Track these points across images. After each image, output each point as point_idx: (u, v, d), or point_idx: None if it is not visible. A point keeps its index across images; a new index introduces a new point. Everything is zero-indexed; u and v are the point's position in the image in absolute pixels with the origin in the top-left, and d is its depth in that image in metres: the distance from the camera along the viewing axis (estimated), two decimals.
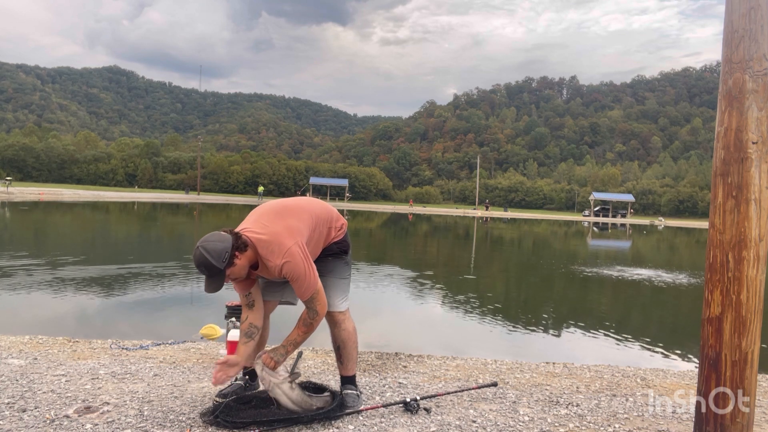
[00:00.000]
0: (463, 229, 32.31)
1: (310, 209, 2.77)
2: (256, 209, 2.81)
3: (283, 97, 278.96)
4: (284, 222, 2.63)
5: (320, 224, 2.76)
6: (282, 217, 2.66)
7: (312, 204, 2.84)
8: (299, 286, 2.56)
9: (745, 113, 2.21)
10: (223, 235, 2.53)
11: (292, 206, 2.77)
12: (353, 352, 2.89)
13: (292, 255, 2.50)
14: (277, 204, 2.81)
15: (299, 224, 2.64)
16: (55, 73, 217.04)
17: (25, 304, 6.50)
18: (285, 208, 2.76)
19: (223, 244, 2.47)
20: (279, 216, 2.68)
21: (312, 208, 2.79)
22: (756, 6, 2.20)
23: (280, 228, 2.58)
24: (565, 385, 3.57)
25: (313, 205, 2.83)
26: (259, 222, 2.65)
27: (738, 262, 2.21)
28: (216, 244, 2.47)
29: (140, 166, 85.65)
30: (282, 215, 2.68)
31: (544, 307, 8.55)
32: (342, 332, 2.83)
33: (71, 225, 20.92)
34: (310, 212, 2.74)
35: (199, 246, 2.49)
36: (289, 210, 2.74)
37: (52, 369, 3.37)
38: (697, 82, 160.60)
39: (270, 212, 2.72)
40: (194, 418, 2.64)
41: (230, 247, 2.47)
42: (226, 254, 2.45)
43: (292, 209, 2.74)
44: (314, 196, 79.55)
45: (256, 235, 2.56)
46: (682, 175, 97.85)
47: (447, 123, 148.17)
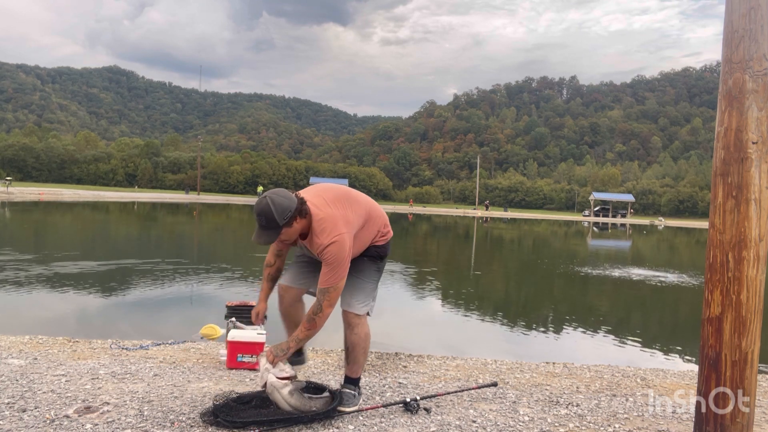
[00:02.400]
0: (463, 229, 32.31)
1: (368, 207, 2.80)
2: (318, 185, 2.82)
3: (283, 97, 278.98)
4: (344, 210, 2.66)
5: (371, 225, 2.79)
6: (343, 205, 2.69)
7: (369, 203, 2.86)
8: (328, 272, 2.57)
9: (745, 113, 2.21)
10: (292, 195, 2.56)
11: (354, 197, 2.79)
12: (360, 358, 2.87)
13: (341, 241, 2.54)
14: (339, 189, 2.81)
15: (355, 217, 2.68)
16: (55, 73, 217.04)
17: (25, 304, 6.50)
18: (348, 196, 2.77)
19: (289, 203, 2.51)
20: (340, 202, 2.70)
21: (369, 206, 2.82)
22: (756, 6, 2.19)
23: (339, 213, 2.62)
24: (565, 385, 3.57)
25: (370, 205, 2.85)
26: (321, 198, 2.67)
27: (738, 262, 2.21)
28: (283, 200, 2.51)
29: (140, 166, 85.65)
30: (343, 202, 2.71)
31: (544, 307, 8.55)
32: (353, 335, 2.82)
33: (71, 225, 20.92)
34: (366, 209, 2.77)
35: (267, 196, 2.52)
36: (351, 200, 2.75)
37: (52, 369, 3.37)
38: (697, 82, 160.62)
39: (333, 194, 2.74)
40: (194, 418, 2.64)
41: (294, 209, 2.50)
42: (289, 213, 2.49)
43: (354, 201, 2.76)
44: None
45: (317, 209, 2.60)
46: (682, 175, 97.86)
47: (447, 123, 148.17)
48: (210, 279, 8.78)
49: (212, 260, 11.99)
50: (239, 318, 3.90)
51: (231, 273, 9.87)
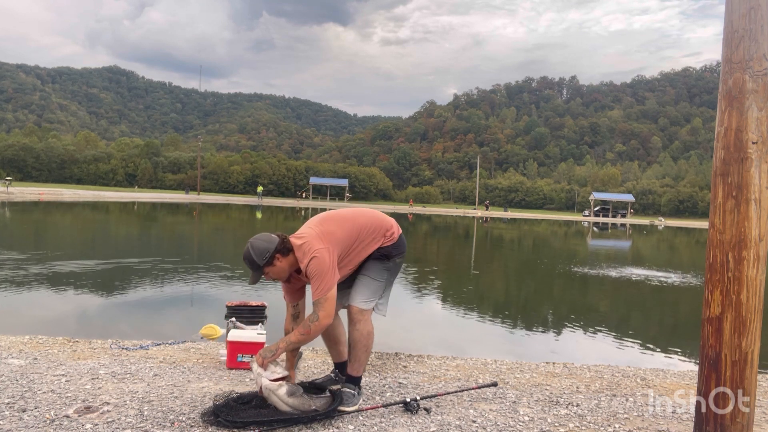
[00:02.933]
0: (463, 229, 32.32)
1: (356, 220, 2.90)
2: (313, 217, 2.96)
3: (283, 97, 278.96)
4: (322, 227, 2.81)
5: (365, 235, 2.88)
6: (322, 223, 2.85)
7: (361, 215, 2.96)
8: (315, 284, 2.69)
9: (745, 113, 2.21)
10: (272, 237, 2.76)
11: (340, 215, 2.94)
12: (362, 356, 2.90)
13: (319, 256, 2.67)
14: (329, 212, 2.99)
15: (337, 231, 2.80)
16: (55, 73, 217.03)
17: (25, 304, 6.50)
18: (331, 215, 2.94)
19: (267, 245, 2.72)
20: (321, 221, 2.87)
21: (359, 219, 2.92)
22: (756, 6, 2.19)
23: (315, 231, 2.77)
24: (565, 385, 3.57)
25: (360, 218, 2.94)
26: (305, 227, 2.85)
27: (738, 262, 2.21)
28: (261, 243, 2.72)
29: (140, 166, 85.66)
30: (324, 221, 2.87)
31: (544, 307, 8.55)
32: (355, 332, 2.87)
33: (71, 225, 20.93)
34: (354, 222, 2.88)
35: (249, 242, 2.75)
36: (333, 217, 2.91)
37: (52, 369, 3.37)
38: (697, 82, 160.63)
39: (317, 218, 2.92)
40: (194, 418, 2.64)
41: (273, 249, 2.71)
42: (268, 254, 2.69)
43: (337, 218, 2.91)
44: (314, 197, 79.81)
45: (297, 239, 2.77)
46: (682, 175, 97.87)
47: (447, 123, 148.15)
48: (210, 279, 8.79)
49: (212, 260, 12.00)
50: (239, 318, 3.90)
51: (231, 273, 9.87)
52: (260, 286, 8.61)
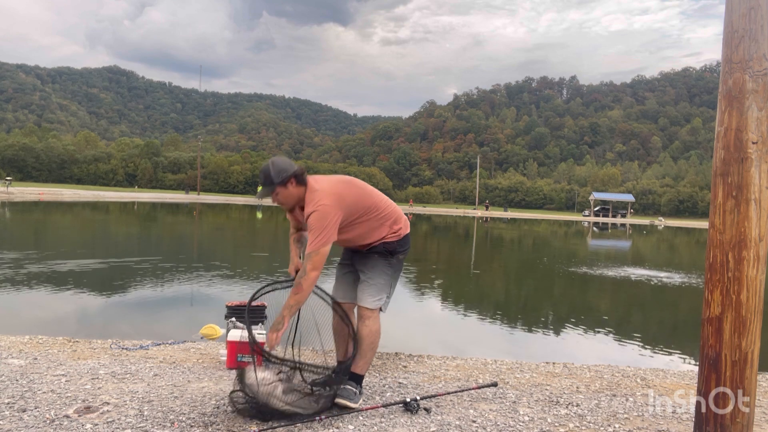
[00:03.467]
0: (463, 229, 32.32)
1: (371, 197, 2.93)
2: (338, 175, 3.00)
3: (283, 97, 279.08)
4: (338, 187, 2.82)
5: (374, 215, 2.90)
6: (340, 183, 2.87)
7: (378, 196, 2.99)
8: (311, 237, 2.73)
9: (745, 113, 2.21)
10: (294, 163, 2.82)
11: (360, 186, 2.95)
12: (368, 353, 2.95)
13: (322, 210, 2.69)
14: (353, 178, 3.02)
15: (349, 197, 2.81)
16: (55, 73, 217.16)
17: (25, 304, 6.50)
18: (352, 182, 2.96)
19: (287, 166, 2.78)
20: (340, 182, 2.88)
21: (374, 197, 2.95)
22: (756, 6, 2.19)
23: (331, 188, 2.79)
24: (565, 385, 3.57)
25: (376, 197, 2.97)
26: (326, 179, 2.88)
27: (738, 262, 2.21)
28: (282, 163, 2.80)
29: (140, 166, 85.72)
30: (343, 183, 2.89)
31: (544, 307, 8.55)
32: (364, 328, 2.93)
33: (71, 225, 20.93)
34: (369, 198, 2.92)
35: (270, 160, 2.84)
36: (353, 184, 2.93)
37: (52, 369, 3.37)
38: (697, 82, 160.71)
39: (340, 178, 2.94)
40: (194, 418, 2.64)
41: (291, 172, 2.76)
42: (285, 174, 2.74)
43: (356, 186, 2.93)
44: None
45: (315, 183, 2.81)
46: (682, 175, 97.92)
47: (447, 123, 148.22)
48: (210, 279, 8.78)
49: (212, 260, 12.00)
50: (239, 318, 3.90)
51: (231, 273, 9.87)
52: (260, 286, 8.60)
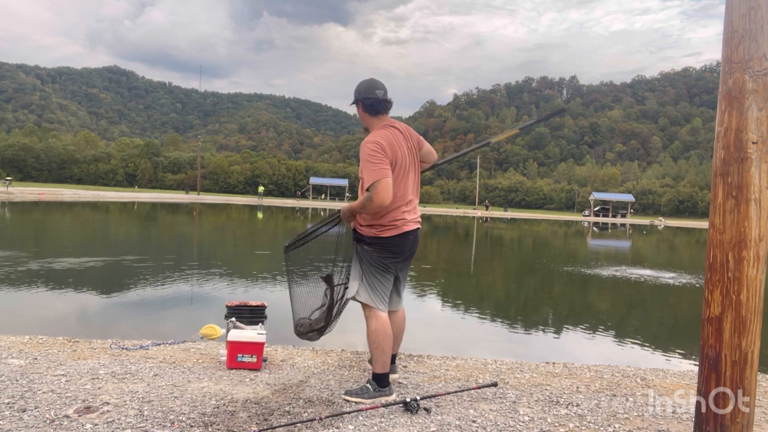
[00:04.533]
0: (463, 229, 32.32)
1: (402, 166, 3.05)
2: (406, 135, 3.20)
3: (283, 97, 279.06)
4: (395, 137, 3.04)
5: (401, 175, 3.04)
6: (402, 136, 3.10)
7: (409, 179, 3.13)
8: (362, 171, 2.94)
9: (745, 113, 2.21)
10: (374, 89, 3.10)
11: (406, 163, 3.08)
12: (375, 353, 3.02)
13: (368, 145, 2.91)
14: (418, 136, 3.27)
15: (396, 151, 3.00)
16: (55, 73, 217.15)
17: (25, 304, 6.50)
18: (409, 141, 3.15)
19: (360, 88, 3.13)
20: (400, 145, 3.06)
21: (407, 177, 3.10)
22: (756, 6, 2.19)
23: (387, 132, 3.02)
24: (565, 385, 3.57)
25: (406, 178, 3.10)
26: (399, 123, 3.17)
27: (738, 262, 2.21)
28: (361, 85, 3.15)
29: (140, 166, 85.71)
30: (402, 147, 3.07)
31: (544, 307, 8.55)
32: (367, 328, 3.06)
33: (71, 225, 20.93)
34: (407, 160, 3.09)
35: (372, 78, 3.16)
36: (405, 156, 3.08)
37: (52, 369, 3.37)
38: (697, 82, 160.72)
39: (407, 130, 3.19)
40: (194, 418, 2.64)
41: (355, 98, 3.13)
42: (355, 97, 3.13)
43: (407, 148, 3.11)
44: (314, 197, 79.79)
45: (385, 122, 3.11)
46: (682, 175, 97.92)
47: (447, 123, 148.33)
48: (210, 279, 8.78)
49: (212, 260, 12.00)
50: (239, 318, 3.90)
51: (231, 273, 9.87)
52: (259, 286, 8.61)
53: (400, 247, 3.09)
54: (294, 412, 2.80)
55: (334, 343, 4.78)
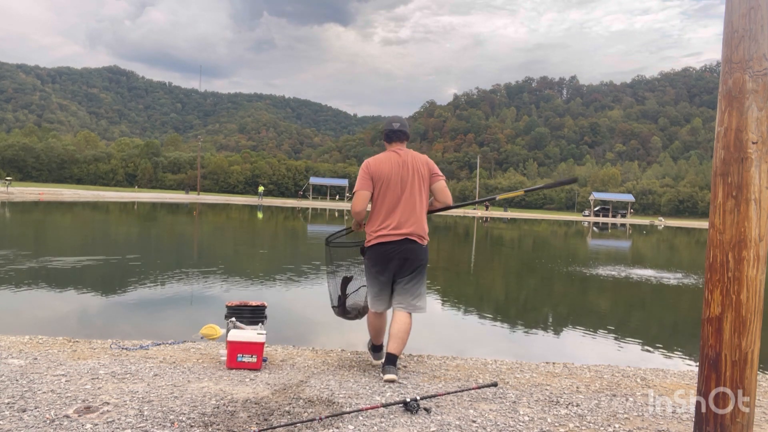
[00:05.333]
0: (463, 229, 32.31)
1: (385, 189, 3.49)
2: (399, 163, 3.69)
3: (283, 97, 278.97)
4: (390, 160, 3.55)
5: (386, 191, 3.48)
6: (381, 158, 3.59)
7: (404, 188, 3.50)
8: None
9: (745, 113, 2.21)
10: (395, 125, 3.67)
11: (393, 183, 3.50)
12: (369, 333, 3.74)
13: (362, 166, 3.60)
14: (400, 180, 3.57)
15: (383, 170, 3.50)
16: (55, 73, 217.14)
17: (25, 304, 6.50)
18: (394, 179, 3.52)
19: (384, 125, 3.74)
20: (382, 157, 3.60)
21: (394, 188, 3.49)
22: (756, 6, 2.19)
23: (384, 155, 3.60)
24: (565, 385, 3.57)
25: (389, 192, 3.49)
26: (406, 151, 3.64)
27: (738, 262, 2.21)
28: (385, 121, 3.81)
29: (140, 166, 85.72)
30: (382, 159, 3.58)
31: (544, 307, 8.55)
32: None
33: (71, 225, 20.92)
34: (390, 186, 3.49)
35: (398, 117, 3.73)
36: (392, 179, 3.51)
37: (52, 369, 3.37)
38: (697, 82, 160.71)
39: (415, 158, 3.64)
40: (194, 418, 2.64)
41: (381, 130, 3.75)
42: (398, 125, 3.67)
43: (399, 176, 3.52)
44: (314, 197, 79.82)
45: (395, 148, 3.66)
46: (682, 175, 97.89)
47: (447, 123, 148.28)
48: (210, 279, 8.78)
49: (212, 260, 12.00)
50: (239, 318, 3.90)
51: (231, 273, 9.87)
52: (260, 286, 8.61)
53: (379, 256, 3.48)
54: (294, 412, 2.80)
55: (334, 343, 4.78)
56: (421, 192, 3.50)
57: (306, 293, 8.23)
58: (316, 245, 15.96)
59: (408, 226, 3.44)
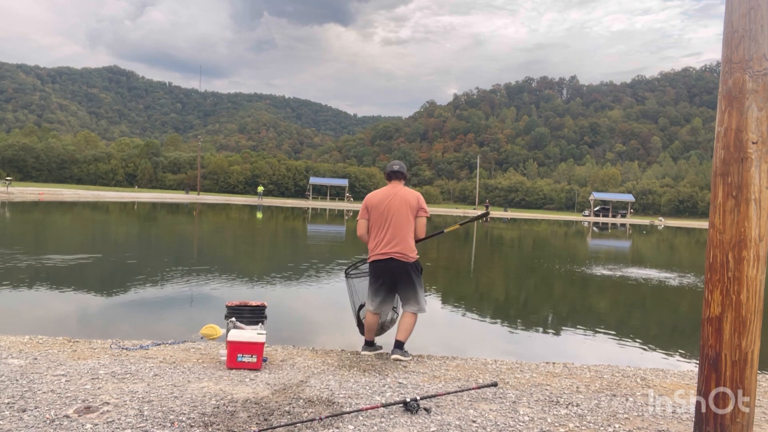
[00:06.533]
0: (463, 228, 32.32)
1: (378, 217, 4.18)
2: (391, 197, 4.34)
3: (283, 97, 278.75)
4: (385, 194, 4.24)
5: (380, 219, 4.16)
6: (383, 193, 4.27)
7: (381, 218, 4.17)
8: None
9: (745, 113, 2.21)
10: (392, 167, 4.39)
11: (381, 208, 4.18)
12: (365, 333, 4.31)
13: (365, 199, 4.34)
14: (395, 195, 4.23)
15: (377, 202, 4.20)
16: (55, 73, 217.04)
17: (25, 304, 6.50)
18: (385, 205, 4.17)
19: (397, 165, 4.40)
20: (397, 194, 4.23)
21: (378, 217, 4.18)
22: (756, 6, 2.19)
23: (382, 190, 4.30)
24: (565, 385, 3.57)
25: (379, 219, 4.17)
26: (401, 189, 4.27)
27: (738, 262, 2.21)
28: (397, 163, 4.43)
29: (140, 166, 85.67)
30: (381, 192, 4.30)
31: (544, 307, 8.55)
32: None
33: (71, 225, 20.92)
34: (380, 212, 4.16)
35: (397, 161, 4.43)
36: (381, 207, 4.19)
37: (52, 369, 3.37)
38: (697, 82, 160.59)
39: (406, 194, 4.24)
40: (194, 418, 2.64)
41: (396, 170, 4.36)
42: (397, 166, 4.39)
43: (381, 208, 4.19)
44: (314, 197, 79.83)
45: (394, 183, 4.35)
46: (682, 175, 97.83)
47: (447, 123, 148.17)
48: (210, 279, 8.78)
49: (212, 260, 12.00)
50: (239, 318, 3.90)
51: (231, 273, 9.87)
52: (260, 286, 8.61)
53: (373, 271, 4.17)
54: (294, 412, 2.80)
55: (334, 344, 4.78)
56: (408, 217, 4.10)
57: (306, 293, 8.23)
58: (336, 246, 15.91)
59: (393, 246, 4.06)
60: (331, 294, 8.32)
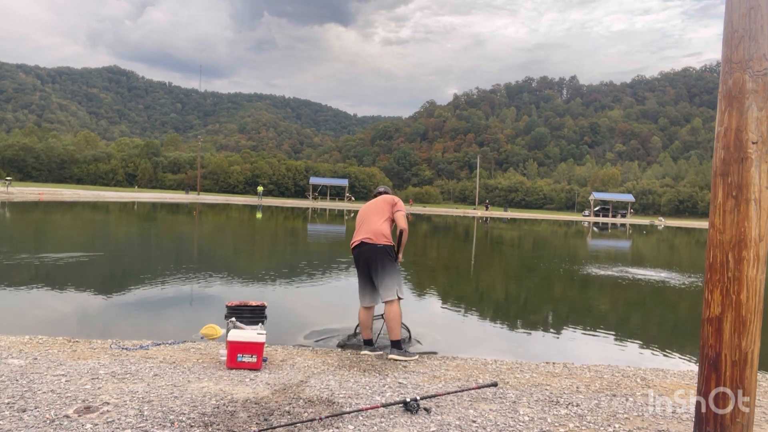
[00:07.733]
0: (463, 229, 32.31)
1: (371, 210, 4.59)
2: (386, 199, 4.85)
3: (283, 97, 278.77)
4: (371, 202, 4.68)
5: (363, 217, 4.56)
6: (376, 199, 4.71)
7: (364, 213, 4.60)
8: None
9: (745, 113, 2.21)
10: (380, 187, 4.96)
11: (367, 208, 4.65)
12: (362, 332, 4.44)
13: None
14: (381, 198, 4.71)
15: (365, 207, 4.67)
16: (55, 73, 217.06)
17: (25, 304, 6.50)
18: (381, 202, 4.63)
19: (382, 189, 4.90)
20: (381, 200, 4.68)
21: (362, 214, 4.61)
22: (756, 6, 2.19)
23: (370, 202, 4.71)
24: (565, 385, 3.57)
25: (364, 213, 4.60)
26: (382, 196, 4.75)
27: (738, 262, 2.21)
28: (383, 186, 4.98)
29: (140, 166, 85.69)
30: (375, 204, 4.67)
31: (544, 307, 8.55)
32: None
33: (71, 225, 20.92)
34: (364, 214, 4.61)
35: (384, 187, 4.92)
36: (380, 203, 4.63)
37: (52, 369, 3.37)
38: (697, 82, 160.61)
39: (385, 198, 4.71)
40: (194, 418, 2.64)
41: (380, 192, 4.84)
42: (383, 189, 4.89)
43: (366, 208, 4.66)
44: (314, 197, 79.89)
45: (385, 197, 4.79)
46: (682, 175, 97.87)
47: (447, 123, 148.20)
48: (210, 279, 8.78)
49: (212, 260, 11.99)
50: (239, 318, 3.90)
51: (231, 273, 9.87)
52: (260, 286, 8.61)
53: (354, 258, 4.42)
54: (294, 412, 2.80)
55: (334, 343, 4.77)
56: (381, 212, 4.48)
57: (306, 293, 8.23)
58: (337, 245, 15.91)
59: (364, 233, 4.37)
60: (332, 294, 8.32)
